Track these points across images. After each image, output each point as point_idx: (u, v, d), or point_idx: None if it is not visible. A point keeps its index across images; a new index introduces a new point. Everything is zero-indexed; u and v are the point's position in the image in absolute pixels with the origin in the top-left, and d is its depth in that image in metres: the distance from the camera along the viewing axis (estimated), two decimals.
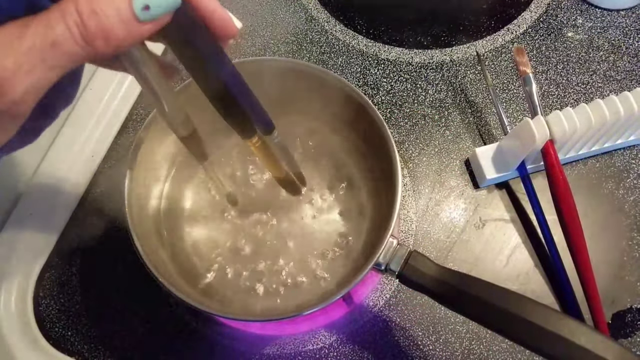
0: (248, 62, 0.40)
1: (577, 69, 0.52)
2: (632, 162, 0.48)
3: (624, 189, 0.47)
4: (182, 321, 0.42)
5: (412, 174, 0.48)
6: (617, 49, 0.53)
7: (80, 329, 0.43)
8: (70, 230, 0.46)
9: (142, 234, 0.35)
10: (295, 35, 0.55)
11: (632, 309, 0.42)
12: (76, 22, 0.18)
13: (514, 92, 0.51)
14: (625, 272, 0.44)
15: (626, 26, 0.55)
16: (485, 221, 0.46)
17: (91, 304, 0.43)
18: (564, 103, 0.51)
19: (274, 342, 0.42)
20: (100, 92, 0.50)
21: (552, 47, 0.54)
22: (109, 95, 0.50)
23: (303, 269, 0.40)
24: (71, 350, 0.42)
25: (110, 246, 0.45)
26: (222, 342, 0.42)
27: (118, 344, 0.42)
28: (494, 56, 0.53)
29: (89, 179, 0.47)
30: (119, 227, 0.45)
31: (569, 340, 0.28)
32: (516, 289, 0.42)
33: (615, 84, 0.51)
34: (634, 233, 0.45)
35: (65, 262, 0.45)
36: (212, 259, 0.41)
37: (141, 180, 0.38)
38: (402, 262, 0.34)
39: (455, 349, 0.41)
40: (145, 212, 0.39)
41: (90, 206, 0.47)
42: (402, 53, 0.53)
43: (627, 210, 0.46)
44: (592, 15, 0.55)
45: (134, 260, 0.34)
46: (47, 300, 0.43)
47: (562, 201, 0.42)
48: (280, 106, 0.42)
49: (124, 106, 0.50)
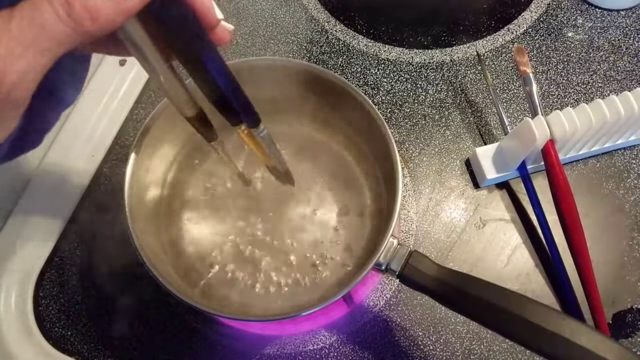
0: (252, 61, 0.39)
1: (578, 69, 0.52)
2: (633, 162, 0.48)
3: (624, 189, 0.47)
4: (182, 321, 0.42)
5: (413, 174, 0.48)
6: (618, 49, 0.53)
7: (80, 328, 0.43)
8: (70, 230, 0.46)
9: (141, 234, 0.35)
10: (295, 35, 0.55)
11: (632, 309, 0.42)
12: (61, 2, 0.18)
13: (514, 92, 0.51)
14: (626, 272, 0.44)
15: (626, 26, 0.55)
16: (486, 221, 0.46)
17: (91, 304, 0.43)
18: (564, 103, 0.51)
19: (274, 342, 0.42)
20: (100, 93, 0.50)
21: (552, 47, 0.53)
22: (108, 97, 0.50)
23: (303, 269, 0.40)
24: (71, 350, 0.42)
25: (109, 246, 0.45)
26: (222, 342, 0.42)
27: (118, 344, 0.42)
28: (494, 56, 0.53)
29: (89, 180, 0.47)
30: (119, 228, 0.45)
31: (569, 341, 0.28)
32: (517, 289, 0.42)
33: (616, 84, 0.51)
34: (634, 233, 0.45)
35: (65, 262, 0.45)
36: (212, 259, 0.41)
37: (141, 180, 0.38)
38: (402, 262, 0.34)
39: (456, 349, 0.41)
40: (145, 212, 0.39)
41: (90, 206, 0.47)
42: (403, 53, 0.53)
43: (628, 210, 0.46)
44: (592, 15, 0.55)
45: (134, 260, 0.34)
46: (47, 300, 0.43)
47: (563, 201, 0.42)
48: (280, 105, 0.42)
49: (124, 106, 0.50)
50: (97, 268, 0.44)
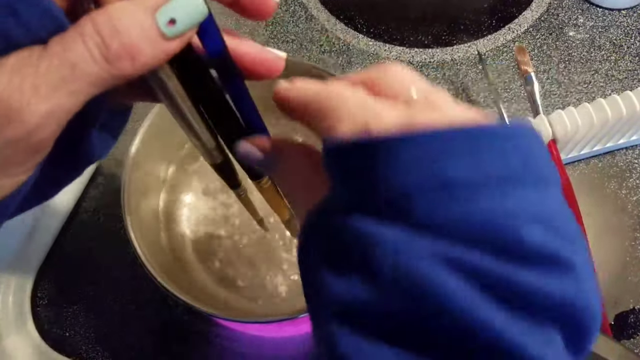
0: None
1: (579, 68, 0.52)
2: (635, 161, 0.48)
3: (626, 188, 0.46)
4: (181, 322, 0.42)
5: None
6: (619, 49, 0.53)
7: (79, 329, 0.42)
8: (68, 230, 0.45)
9: (140, 233, 0.35)
10: (295, 34, 0.54)
11: (635, 309, 0.42)
12: (97, 43, 0.17)
13: (516, 92, 0.51)
14: (628, 272, 0.43)
15: (628, 25, 0.54)
16: None
17: (90, 304, 0.43)
18: (565, 102, 0.50)
19: (275, 343, 0.42)
20: None
21: (553, 46, 0.53)
22: None
23: None
24: (69, 352, 0.41)
25: (108, 246, 0.44)
26: (222, 344, 0.41)
27: (116, 345, 0.42)
28: (495, 55, 0.53)
29: (88, 178, 0.47)
30: (117, 227, 0.45)
31: None
32: None
33: (617, 84, 0.51)
34: (636, 233, 0.45)
35: (64, 262, 0.44)
36: (212, 259, 0.40)
37: (140, 180, 0.38)
38: None
39: None
40: (144, 212, 0.39)
41: (89, 206, 0.46)
42: (403, 52, 0.53)
43: (630, 210, 0.45)
44: (593, 14, 0.55)
45: (133, 261, 0.33)
46: (45, 301, 0.43)
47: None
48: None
49: None
50: (95, 269, 0.44)
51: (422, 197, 0.16)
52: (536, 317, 0.15)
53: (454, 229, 0.15)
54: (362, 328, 0.16)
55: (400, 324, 0.16)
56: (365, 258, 0.16)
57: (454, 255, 0.15)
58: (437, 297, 0.15)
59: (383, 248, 0.16)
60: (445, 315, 0.15)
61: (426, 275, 0.15)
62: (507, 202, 0.16)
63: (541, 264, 0.15)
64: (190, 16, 0.18)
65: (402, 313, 0.16)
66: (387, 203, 0.16)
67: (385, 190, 0.16)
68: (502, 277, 0.15)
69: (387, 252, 0.16)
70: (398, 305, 0.16)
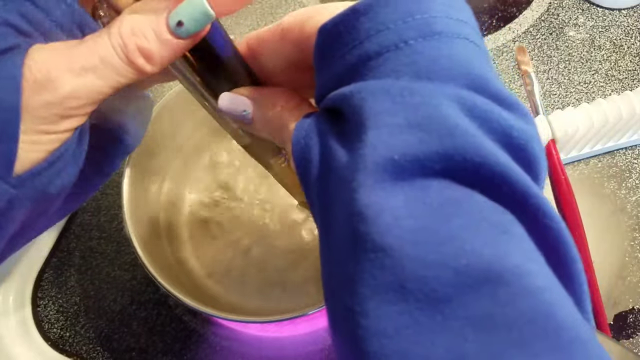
0: None
1: (579, 68, 0.52)
2: (634, 161, 0.48)
3: (626, 189, 0.46)
4: (181, 322, 0.42)
5: None
6: (619, 49, 0.53)
7: (79, 329, 0.42)
8: (68, 230, 0.45)
9: (140, 234, 0.35)
10: None
11: (634, 309, 0.42)
12: (119, 43, 0.20)
13: (516, 92, 0.51)
14: (627, 272, 0.43)
15: (628, 25, 0.54)
16: None
17: (90, 304, 0.43)
18: (565, 102, 0.50)
19: (274, 343, 0.42)
20: None
21: (553, 46, 0.53)
22: None
23: (304, 269, 0.40)
24: (69, 351, 0.42)
25: (108, 246, 0.45)
26: (222, 344, 0.42)
27: (117, 345, 0.42)
28: (495, 55, 0.53)
29: None
30: (117, 228, 0.45)
31: None
32: None
33: (617, 84, 0.51)
34: (636, 233, 0.45)
35: (64, 263, 0.44)
36: (211, 259, 0.41)
37: (140, 181, 0.38)
38: None
39: None
40: (144, 212, 0.39)
41: (89, 206, 0.46)
42: None
43: (629, 210, 0.46)
44: (593, 14, 0.55)
45: (133, 261, 0.33)
46: (45, 301, 0.43)
47: (564, 201, 0.41)
48: None
49: None
50: (95, 269, 0.44)
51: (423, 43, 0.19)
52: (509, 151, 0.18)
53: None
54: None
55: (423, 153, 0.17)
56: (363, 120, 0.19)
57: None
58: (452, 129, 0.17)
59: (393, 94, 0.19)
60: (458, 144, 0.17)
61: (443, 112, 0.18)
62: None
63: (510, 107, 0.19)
64: (198, 18, 0.20)
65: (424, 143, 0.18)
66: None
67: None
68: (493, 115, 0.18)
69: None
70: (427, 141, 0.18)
